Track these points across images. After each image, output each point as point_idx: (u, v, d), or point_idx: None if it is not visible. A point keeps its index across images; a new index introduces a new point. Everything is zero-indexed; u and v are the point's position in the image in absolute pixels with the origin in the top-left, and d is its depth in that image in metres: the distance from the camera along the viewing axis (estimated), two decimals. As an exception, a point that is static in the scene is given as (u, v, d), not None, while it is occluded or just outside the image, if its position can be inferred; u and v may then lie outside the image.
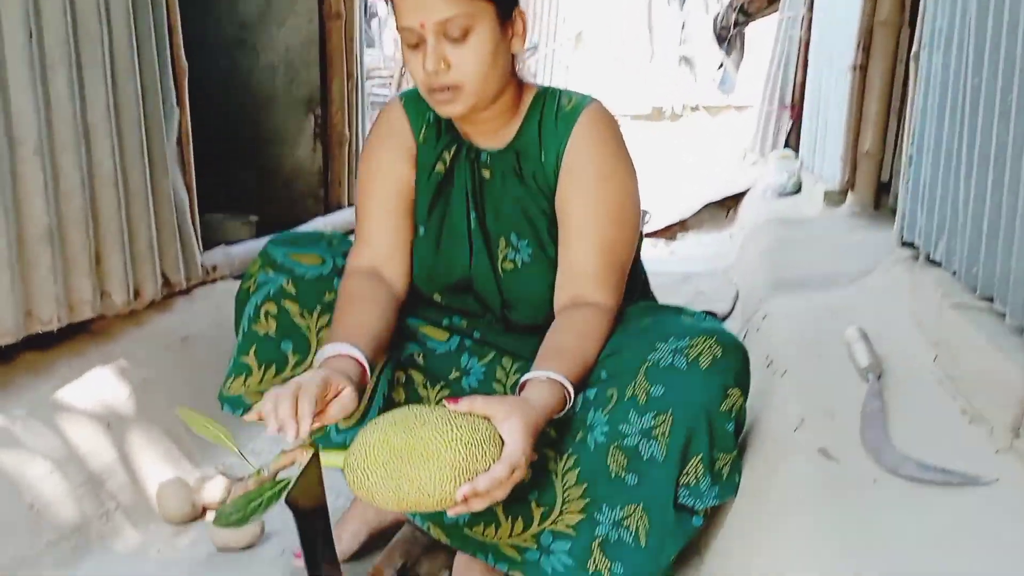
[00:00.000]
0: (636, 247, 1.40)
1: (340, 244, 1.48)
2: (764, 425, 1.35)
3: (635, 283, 1.44)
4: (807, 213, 3.44)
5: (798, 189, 4.23)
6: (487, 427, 1.05)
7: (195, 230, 2.07)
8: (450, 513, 1.05)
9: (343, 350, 1.17)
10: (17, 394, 1.57)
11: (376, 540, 1.43)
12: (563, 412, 1.18)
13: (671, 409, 1.18)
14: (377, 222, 1.37)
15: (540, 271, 1.34)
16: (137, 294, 1.83)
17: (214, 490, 1.65)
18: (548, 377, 1.16)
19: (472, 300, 1.42)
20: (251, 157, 3.17)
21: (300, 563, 1.38)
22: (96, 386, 1.68)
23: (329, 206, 3.20)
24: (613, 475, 1.20)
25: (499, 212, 1.36)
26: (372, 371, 1.21)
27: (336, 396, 1.09)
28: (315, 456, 1.07)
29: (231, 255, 2.25)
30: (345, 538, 1.42)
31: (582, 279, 1.29)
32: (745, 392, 1.23)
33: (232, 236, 2.53)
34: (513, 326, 1.41)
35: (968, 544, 0.95)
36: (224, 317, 1.48)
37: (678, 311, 1.37)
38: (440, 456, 1.02)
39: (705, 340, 1.21)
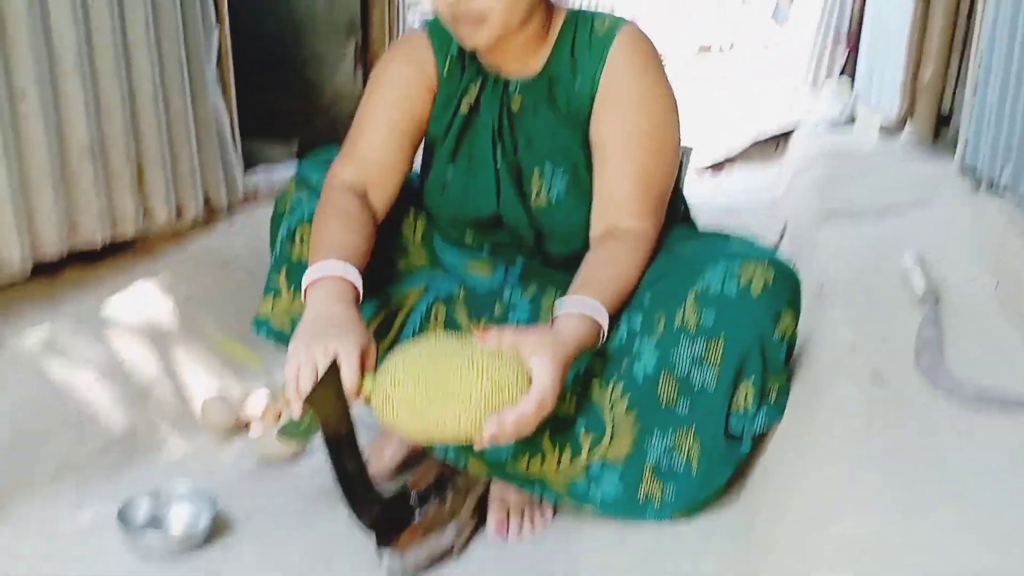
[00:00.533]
0: (676, 176, 1.35)
1: None
2: (814, 349, 1.31)
3: (674, 214, 1.40)
4: (861, 145, 3.32)
5: (851, 122, 4.08)
6: (515, 361, 1.02)
7: (236, 150, 2.06)
8: (476, 447, 1.03)
9: (342, 272, 1.13)
10: (63, 307, 1.59)
11: (418, 457, 1.43)
12: (596, 345, 1.16)
13: (723, 336, 1.16)
14: (379, 136, 1.29)
15: (576, 202, 1.30)
16: (180, 213, 1.83)
17: (257, 404, 1.67)
18: (580, 309, 1.13)
19: (505, 234, 1.38)
20: (291, 81, 3.13)
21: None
22: (140, 301, 1.69)
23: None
24: (663, 404, 1.19)
25: (531, 143, 1.31)
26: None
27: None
28: (334, 369, 1.05)
29: (272, 178, 2.24)
30: (387, 454, 1.42)
31: (618, 208, 1.25)
32: (797, 317, 1.20)
33: (273, 160, 2.52)
34: (552, 259, 1.38)
35: (1026, 469, 0.91)
36: (264, 241, 1.48)
37: (725, 236, 1.32)
38: (467, 391, 1.00)
39: (756, 264, 1.17)
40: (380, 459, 1.43)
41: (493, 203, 1.34)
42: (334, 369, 1.05)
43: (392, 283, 1.35)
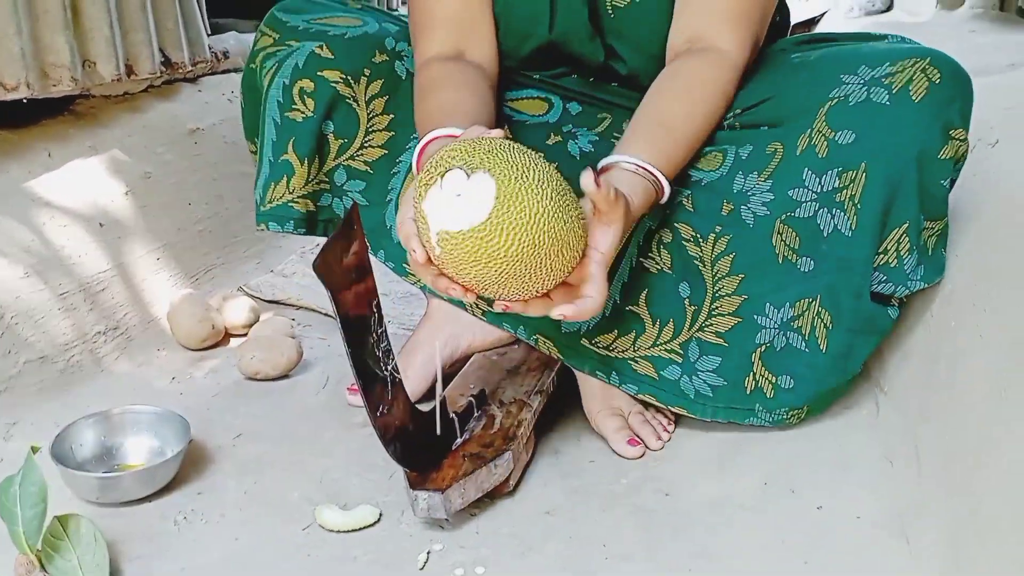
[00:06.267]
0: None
1: (376, 13, 1.10)
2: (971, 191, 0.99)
3: (773, 35, 1.06)
4: (916, 19, 2.96)
5: (889, 7, 3.70)
6: (574, 222, 0.72)
7: (198, 1, 1.66)
8: (498, 307, 0.76)
9: (441, 132, 0.86)
10: (-23, 180, 1.23)
11: (449, 378, 1.11)
12: (651, 209, 0.87)
13: (865, 161, 0.86)
14: None
15: (662, 5, 0.98)
16: (131, 71, 1.45)
17: (238, 311, 1.34)
18: (636, 165, 0.85)
19: (562, 68, 1.08)
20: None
21: (354, 399, 1.09)
22: (83, 177, 1.33)
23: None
24: (781, 259, 0.91)
25: None
26: None
27: None
28: (354, 214, 0.73)
29: (244, 42, 1.85)
30: (411, 373, 1.09)
31: (707, 13, 0.95)
32: (967, 134, 0.88)
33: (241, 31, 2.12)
34: (626, 81, 1.06)
35: None
36: (239, 109, 1.13)
37: (858, 36, 1.00)
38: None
39: (916, 62, 0.85)
40: (405, 378, 1.10)
41: (545, 27, 1.03)
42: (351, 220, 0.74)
43: None
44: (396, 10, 2.78)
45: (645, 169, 0.85)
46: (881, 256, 0.89)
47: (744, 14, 0.95)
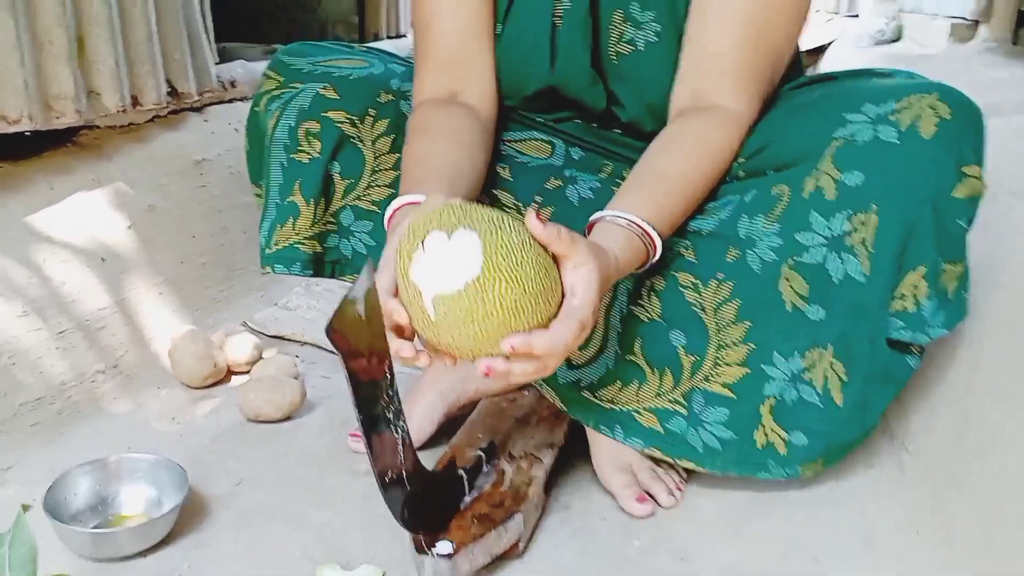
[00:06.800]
0: (795, 48, 1.01)
1: (382, 55, 1.09)
2: (998, 243, 0.96)
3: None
4: (926, 51, 2.94)
5: (897, 37, 3.69)
6: (551, 269, 0.71)
7: (206, 31, 1.64)
8: (480, 370, 0.71)
9: (412, 199, 0.84)
10: (-23, 215, 1.21)
11: (456, 422, 1.08)
12: (643, 268, 0.84)
13: (876, 202, 0.82)
14: (450, 21, 1.00)
15: (668, 54, 0.96)
16: (136, 102, 1.43)
17: (240, 348, 1.31)
18: (628, 220, 0.83)
19: (565, 112, 1.07)
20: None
21: (357, 445, 1.06)
22: (85, 210, 1.30)
23: (365, 36, 2.75)
24: (789, 306, 0.87)
25: None
26: None
27: None
28: (369, 272, 0.72)
29: (252, 70, 1.83)
30: (416, 416, 1.06)
31: (714, 67, 0.92)
32: (982, 170, 0.84)
33: (249, 58, 2.10)
34: (630, 130, 1.04)
35: None
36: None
37: (866, 73, 0.96)
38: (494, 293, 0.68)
39: (922, 98, 0.82)
40: (409, 421, 1.07)
41: (546, 69, 1.01)
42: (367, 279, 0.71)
43: None
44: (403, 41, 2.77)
45: (637, 225, 0.83)
46: (898, 302, 0.84)
47: (753, 75, 0.92)
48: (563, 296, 0.72)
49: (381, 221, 1.03)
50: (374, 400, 0.73)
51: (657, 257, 0.86)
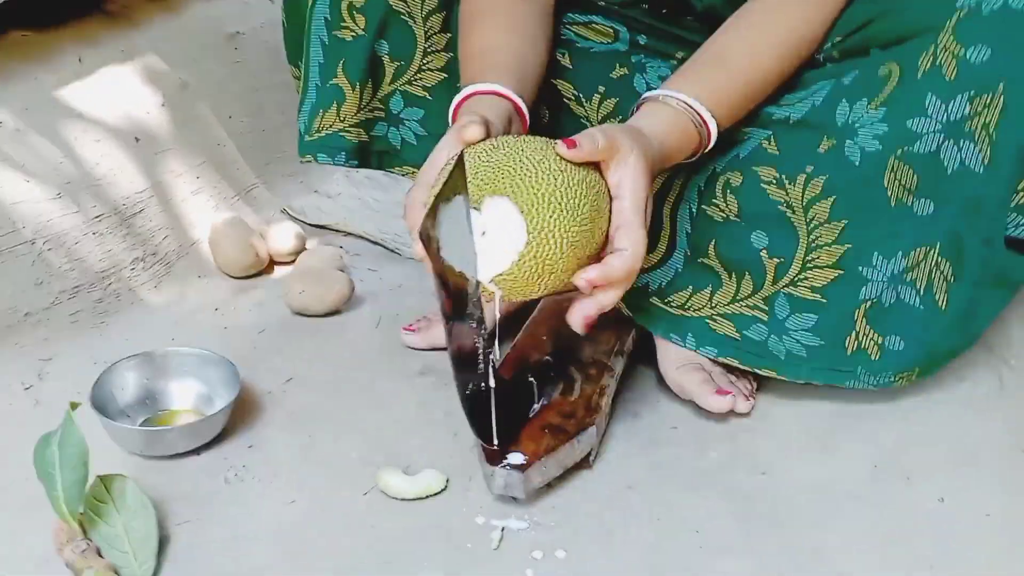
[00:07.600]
0: None
1: None
2: None
3: None
4: None
5: None
6: (592, 178, 0.69)
7: None
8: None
9: (481, 88, 0.79)
10: (3, 87, 1.12)
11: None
12: (694, 157, 0.80)
13: (1004, 82, 0.72)
14: None
15: None
16: (165, -35, 1.32)
17: (283, 237, 1.24)
18: (678, 99, 0.76)
19: None
20: None
21: (411, 339, 1.01)
22: (116, 86, 1.22)
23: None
24: (893, 202, 0.79)
25: None
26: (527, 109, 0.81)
27: None
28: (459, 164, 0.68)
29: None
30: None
31: None
32: None
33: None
34: (704, 17, 0.92)
35: None
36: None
37: None
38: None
39: None
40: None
41: None
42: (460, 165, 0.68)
43: None
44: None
45: (689, 106, 0.76)
46: (1021, 195, 0.76)
47: None
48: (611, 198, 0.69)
49: (433, 108, 0.96)
50: (462, 306, 0.68)
51: (711, 146, 0.79)
